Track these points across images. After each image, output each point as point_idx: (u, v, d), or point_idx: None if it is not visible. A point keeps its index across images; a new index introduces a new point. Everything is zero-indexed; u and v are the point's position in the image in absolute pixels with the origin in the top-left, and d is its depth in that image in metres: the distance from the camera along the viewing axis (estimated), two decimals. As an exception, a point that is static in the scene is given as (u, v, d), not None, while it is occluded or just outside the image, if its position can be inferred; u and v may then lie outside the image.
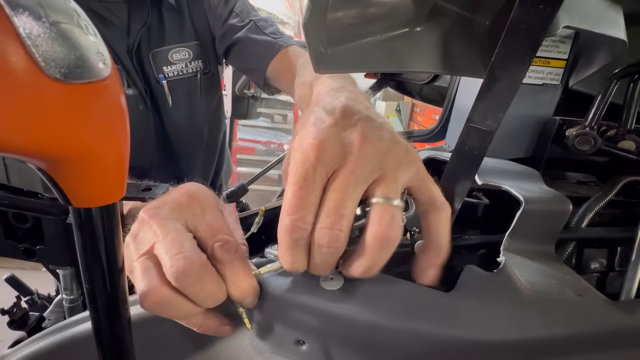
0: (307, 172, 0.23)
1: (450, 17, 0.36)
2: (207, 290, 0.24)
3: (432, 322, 0.26)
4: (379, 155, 0.24)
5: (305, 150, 0.24)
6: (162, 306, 0.24)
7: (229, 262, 0.25)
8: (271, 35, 0.72)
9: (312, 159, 0.23)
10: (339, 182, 0.23)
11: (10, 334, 0.43)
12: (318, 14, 0.27)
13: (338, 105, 0.28)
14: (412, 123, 3.44)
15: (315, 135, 0.24)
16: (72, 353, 0.32)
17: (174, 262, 0.23)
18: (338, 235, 0.23)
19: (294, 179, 0.23)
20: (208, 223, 0.26)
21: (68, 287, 0.40)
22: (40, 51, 0.13)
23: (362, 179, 0.23)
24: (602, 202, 0.38)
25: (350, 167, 0.23)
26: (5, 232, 0.36)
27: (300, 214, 0.23)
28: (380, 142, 0.25)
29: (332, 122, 0.26)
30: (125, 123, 0.17)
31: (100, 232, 0.19)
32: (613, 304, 0.27)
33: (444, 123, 0.71)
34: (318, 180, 0.23)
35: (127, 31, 0.69)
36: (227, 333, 0.29)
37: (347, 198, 0.23)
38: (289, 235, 0.23)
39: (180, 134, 0.80)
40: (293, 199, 0.23)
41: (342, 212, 0.23)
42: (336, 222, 0.22)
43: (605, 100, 0.41)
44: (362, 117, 0.26)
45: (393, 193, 0.24)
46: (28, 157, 0.15)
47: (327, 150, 0.24)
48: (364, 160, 0.23)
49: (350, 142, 0.24)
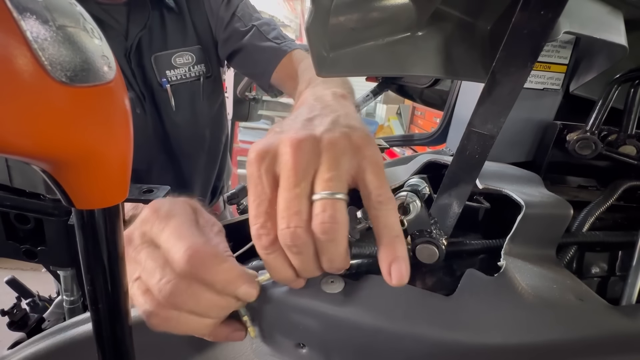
0: (253, 183, 0.24)
1: (451, 22, 0.36)
2: (204, 303, 0.25)
3: (433, 326, 0.26)
4: (315, 148, 0.24)
5: (248, 164, 0.25)
6: (170, 323, 0.25)
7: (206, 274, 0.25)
8: (274, 41, 0.72)
9: (253, 171, 0.24)
10: (282, 182, 0.24)
11: (9, 336, 0.43)
12: (320, 18, 0.28)
13: (296, 113, 0.29)
14: (412, 126, 3.44)
15: (253, 148, 0.25)
16: (72, 354, 0.31)
17: (161, 288, 0.24)
18: (295, 231, 0.22)
19: (249, 194, 0.25)
20: (166, 239, 0.25)
21: (68, 289, 0.40)
22: (46, 55, 0.13)
23: (301, 175, 0.23)
24: (603, 207, 0.38)
25: (287, 167, 0.23)
26: (6, 233, 0.36)
27: (260, 221, 0.24)
28: (314, 138, 0.24)
29: (274, 131, 0.26)
30: (128, 126, 0.18)
31: (102, 234, 0.19)
32: (614, 309, 0.27)
33: (444, 127, 0.72)
34: (266, 187, 0.24)
35: (125, 34, 0.69)
36: (241, 338, 0.29)
37: (292, 194, 0.23)
38: (258, 243, 0.24)
39: (182, 138, 0.80)
40: (251, 211, 0.24)
41: (294, 210, 0.23)
42: (291, 220, 0.23)
43: (606, 105, 0.42)
44: (306, 118, 0.27)
45: (333, 186, 0.23)
46: (33, 159, 0.15)
47: (262, 157, 0.24)
48: (299, 155, 0.23)
49: (283, 143, 0.24)
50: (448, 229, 0.32)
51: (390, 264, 0.23)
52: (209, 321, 0.26)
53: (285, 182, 0.23)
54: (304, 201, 0.23)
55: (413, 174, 0.42)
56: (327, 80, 0.44)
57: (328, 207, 0.22)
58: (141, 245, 0.26)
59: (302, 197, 0.23)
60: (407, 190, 0.31)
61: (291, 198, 0.23)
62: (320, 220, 0.22)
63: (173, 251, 0.24)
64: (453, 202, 0.31)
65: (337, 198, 0.23)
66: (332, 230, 0.22)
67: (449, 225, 0.32)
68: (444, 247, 0.29)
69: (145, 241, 0.27)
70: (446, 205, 0.31)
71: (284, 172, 0.23)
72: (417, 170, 0.42)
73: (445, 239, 0.30)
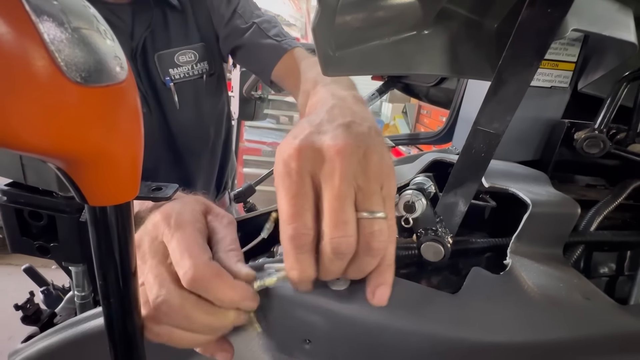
0: (294, 180, 0.24)
1: (458, 20, 0.36)
2: (198, 323, 0.25)
3: (438, 323, 0.26)
4: (361, 157, 0.25)
5: (286, 160, 0.25)
6: (161, 338, 0.26)
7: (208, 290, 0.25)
8: (275, 38, 0.72)
9: (295, 167, 0.24)
10: (330, 190, 0.24)
11: (23, 331, 0.44)
12: (327, 17, 0.28)
13: (321, 113, 0.29)
14: (418, 125, 3.42)
15: (293, 144, 0.25)
16: (83, 348, 0.32)
17: (157, 305, 0.25)
18: (349, 240, 0.23)
19: (284, 190, 0.24)
20: (173, 250, 0.26)
21: (80, 284, 0.41)
22: (62, 56, 0.14)
23: (350, 181, 0.24)
24: (611, 206, 0.38)
25: (336, 174, 0.24)
26: (21, 230, 0.37)
27: (301, 221, 0.24)
28: (358, 143, 0.25)
29: (311, 129, 0.26)
30: (139, 125, 0.18)
31: (114, 230, 0.19)
32: (622, 308, 0.27)
33: (450, 125, 0.71)
34: (307, 185, 0.24)
35: (131, 34, 0.69)
36: (229, 359, 0.29)
37: (344, 203, 0.24)
38: (295, 243, 0.24)
39: (187, 136, 0.81)
40: (290, 209, 0.24)
41: (345, 219, 0.23)
42: (345, 230, 0.23)
43: (614, 103, 0.41)
44: (343, 122, 0.27)
45: (375, 205, 0.24)
46: (49, 157, 0.15)
47: (307, 157, 0.25)
48: (346, 163, 0.24)
49: (328, 147, 0.25)
50: (454, 227, 0.32)
51: (377, 287, 0.25)
52: (200, 338, 0.27)
53: (333, 189, 0.24)
54: (352, 211, 0.24)
55: (419, 172, 0.42)
56: (338, 80, 0.44)
57: (382, 226, 0.24)
58: (148, 254, 0.27)
59: (350, 207, 0.24)
60: (413, 189, 0.31)
61: (342, 207, 0.23)
62: (376, 237, 0.24)
63: (177, 267, 0.25)
64: (459, 201, 0.31)
65: (382, 217, 0.24)
66: (384, 248, 0.24)
67: (455, 223, 0.32)
68: (450, 245, 0.29)
69: (154, 248, 0.27)
70: (452, 203, 0.31)
71: (333, 179, 0.24)
72: (422, 169, 0.42)
73: (450, 237, 0.30)
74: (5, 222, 0.37)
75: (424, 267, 0.38)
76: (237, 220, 0.32)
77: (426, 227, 0.30)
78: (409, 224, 0.29)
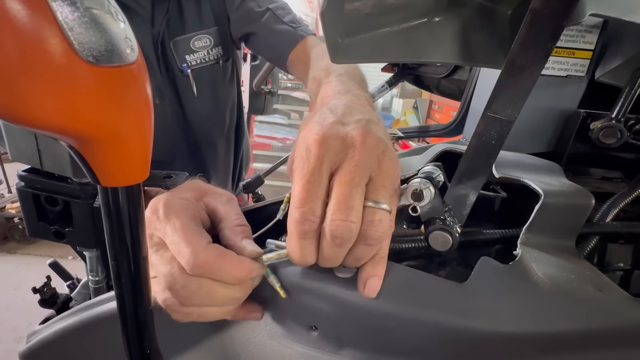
0: (312, 166, 0.24)
1: (470, 7, 0.35)
2: (219, 297, 0.27)
3: (445, 312, 0.26)
4: (380, 153, 0.25)
5: (309, 145, 0.25)
6: (192, 317, 0.28)
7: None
8: (290, 24, 0.72)
9: (316, 154, 0.24)
10: (345, 175, 0.24)
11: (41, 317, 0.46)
12: (335, 3, 0.28)
13: (341, 105, 0.29)
14: (429, 120, 3.38)
15: (318, 131, 0.25)
16: (96, 329, 0.33)
17: (178, 292, 0.26)
18: (350, 226, 0.23)
19: (300, 174, 0.24)
20: (170, 243, 0.27)
21: (94, 269, 0.42)
22: (75, 35, 0.14)
23: (365, 172, 0.24)
24: (628, 198, 0.37)
25: (353, 162, 0.24)
26: (38, 214, 0.39)
27: (309, 206, 0.24)
28: (379, 141, 0.26)
29: (335, 119, 0.27)
30: (149, 107, 0.18)
31: (125, 211, 0.20)
32: (636, 301, 0.26)
33: (461, 117, 0.70)
34: (324, 174, 0.24)
35: (152, 21, 0.67)
36: (258, 318, 0.31)
37: (354, 190, 0.24)
38: (300, 227, 0.24)
39: (203, 125, 0.80)
40: (301, 193, 0.24)
41: (351, 204, 0.23)
42: (348, 214, 0.23)
43: (633, 92, 0.40)
44: (363, 118, 0.27)
45: (382, 197, 0.25)
46: (61, 134, 0.16)
47: (330, 145, 0.25)
48: (366, 155, 0.24)
49: (352, 137, 0.25)
50: (462, 217, 0.31)
51: (369, 278, 0.26)
52: (228, 308, 0.28)
53: (348, 174, 0.24)
54: (360, 199, 0.24)
55: (427, 162, 0.41)
56: (350, 72, 0.44)
57: (384, 217, 0.24)
58: (151, 248, 0.28)
59: (360, 195, 0.24)
60: (421, 177, 0.31)
61: (351, 194, 0.24)
62: (375, 226, 0.24)
63: (179, 258, 0.26)
64: (468, 190, 0.30)
65: (386, 209, 0.25)
66: (381, 239, 0.25)
67: (464, 214, 0.31)
68: (458, 235, 0.29)
69: (155, 243, 0.28)
70: (461, 192, 0.31)
71: (350, 164, 0.24)
72: (431, 159, 0.42)
73: (459, 226, 0.30)
74: (23, 206, 0.39)
75: (432, 259, 0.38)
76: (246, 211, 0.32)
77: (434, 217, 0.29)
78: (417, 212, 0.29)
